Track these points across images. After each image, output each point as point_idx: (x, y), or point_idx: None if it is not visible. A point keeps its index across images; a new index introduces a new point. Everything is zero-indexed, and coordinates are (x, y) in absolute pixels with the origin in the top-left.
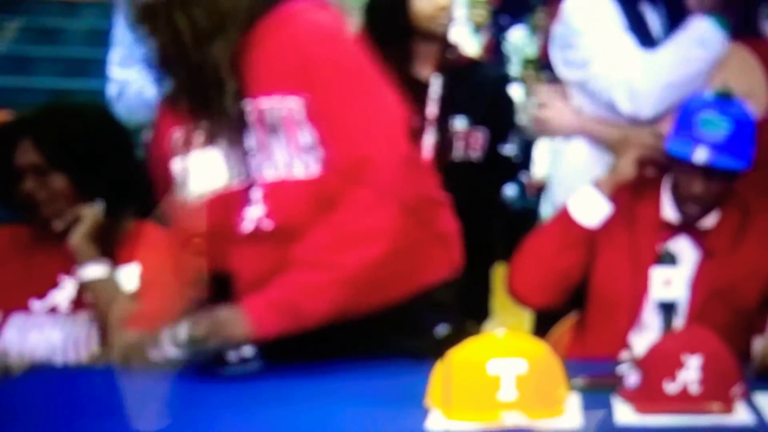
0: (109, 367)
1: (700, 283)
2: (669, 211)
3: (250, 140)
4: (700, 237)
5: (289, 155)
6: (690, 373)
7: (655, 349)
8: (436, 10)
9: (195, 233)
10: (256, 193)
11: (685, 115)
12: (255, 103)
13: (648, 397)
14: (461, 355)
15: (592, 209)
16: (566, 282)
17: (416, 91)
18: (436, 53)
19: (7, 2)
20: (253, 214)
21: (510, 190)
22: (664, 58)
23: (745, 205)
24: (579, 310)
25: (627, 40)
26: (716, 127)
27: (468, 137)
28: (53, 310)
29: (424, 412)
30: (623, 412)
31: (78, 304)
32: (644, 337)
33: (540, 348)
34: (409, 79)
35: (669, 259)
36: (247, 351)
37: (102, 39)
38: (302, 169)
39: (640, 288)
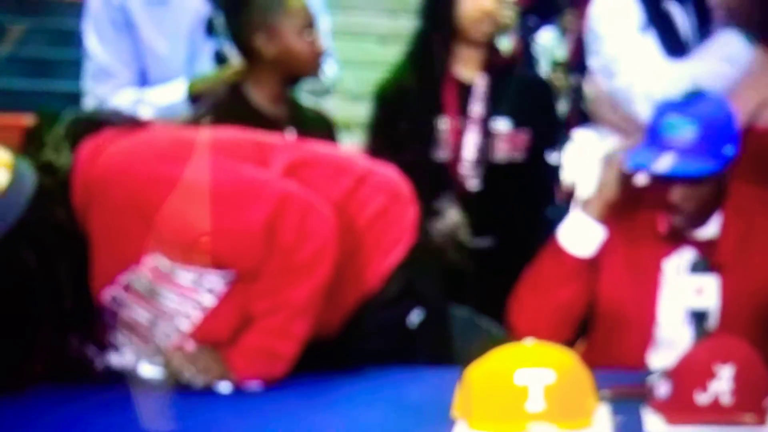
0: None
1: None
2: (667, 224)
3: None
4: (703, 248)
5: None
6: (722, 383)
7: (685, 358)
8: (481, 14)
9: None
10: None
11: (653, 122)
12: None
13: (679, 408)
14: (488, 364)
15: (584, 237)
16: (570, 314)
17: (460, 92)
18: (481, 55)
19: (23, 3)
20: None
21: None
22: (689, 70)
23: (747, 208)
24: (586, 336)
25: (651, 47)
26: (681, 130)
27: (512, 138)
28: None
29: (450, 422)
30: (654, 423)
31: None
32: (662, 355)
33: (569, 358)
34: (454, 80)
35: (702, 266)
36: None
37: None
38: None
39: (648, 306)
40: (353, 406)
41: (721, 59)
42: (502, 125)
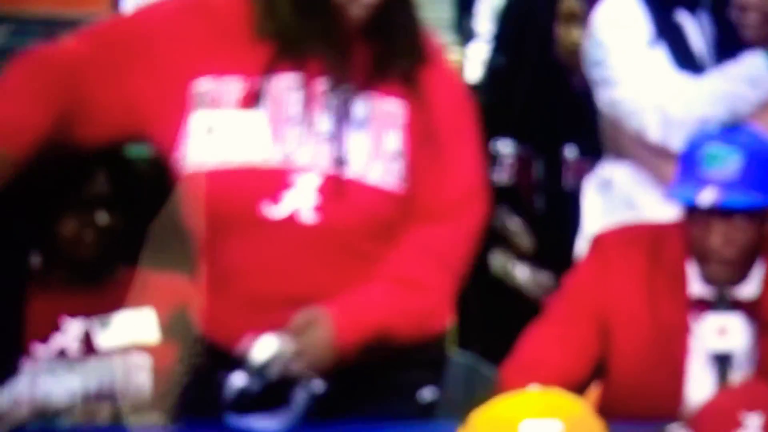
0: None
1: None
2: (697, 285)
3: (324, 122)
4: (745, 310)
5: (369, 156)
6: None
7: (709, 406)
8: (572, 45)
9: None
10: (307, 180)
11: (688, 153)
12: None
13: None
14: (492, 413)
15: None
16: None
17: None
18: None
19: None
20: (294, 202)
21: None
22: (706, 88)
23: None
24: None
25: (660, 58)
26: (723, 161)
27: (578, 166)
28: (62, 354)
29: None
30: None
31: (88, 347)
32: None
33: (578, 407)
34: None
35: (724, 304)
36: (317, 386)
37: None
38: (379, 176)
39: (676, 382)
40: None
41: (744, 80)
42: (568, 153)
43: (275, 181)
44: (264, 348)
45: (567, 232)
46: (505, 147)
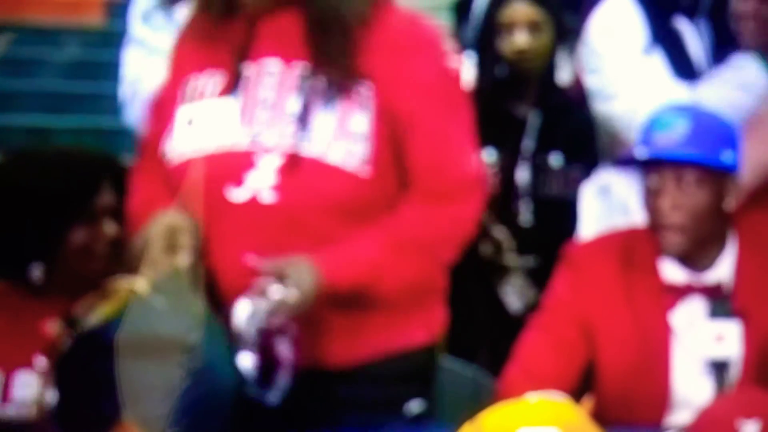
0: None
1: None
2: (670, 271)
3: (293, 104)
4: (713, 294)
5: (331, 137)
6: None
7: (705, 413)
8: (514, 54)
9: (186, 192)
10: (269, 161)
11: (644, 127)
12: None
13: None
14: (490, 421)
15: None
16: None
17: (511, 127)
18: (533, 89)
19: None
20: (256, 183)
21: None
22: (699, 97)
23: (759, 243)
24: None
25: (657, 69)
26: (671, 125)
27: (565, 175)
28: None
29: None
30: None
31: None
32: (680, 415)
33: (575, 415)
34: (505, 114)
35: (722, 311)
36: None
37: (86, 72)
38: (339, 157)
39: (660, 367)
40: None
41: (736, 86)
42: (554, 161)
43: (240, 163)
44: (239, 312)
45: (555, 239)
46: (489, 156)
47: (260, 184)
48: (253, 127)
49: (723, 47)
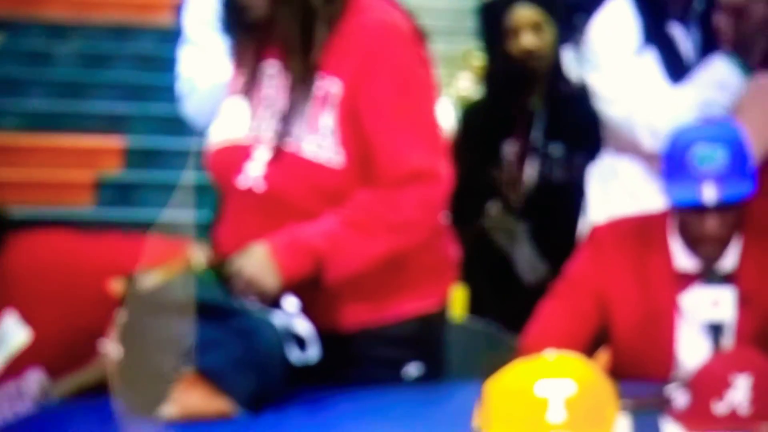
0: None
1: (743, 320)
2: (683, 260)
3: (282, 101)
4: (726, 280)
5: (304, 131)
6: (738, 393)
7: (702, 369)
8: (522, 54)
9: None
10: (261, 153)
11: (677, 154)
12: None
13: (697, 417)
14: (508, 376)
15: None
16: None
17: (521, 118)
18: (541, 85)
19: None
20: (252, 172)
21: None
22: (684, 97)
23: (761, 231)
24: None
25: (650, 70)
26: (713, 158)
27: (568, 162)
28: None
29: None
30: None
31: None
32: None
33: (589, 369)
34: (515, 106)
35: (716, 278)
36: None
37: (154, 64)
38: (312, 150)
39: (666, 349)
40: (369, 419)
41: (713, 86)
42: (556, 150)
43: (243, 155)
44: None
45: (559, 224)
46: (508, 148)
47: (255, 174)
48: (255, 123)
49: (711, 49)
